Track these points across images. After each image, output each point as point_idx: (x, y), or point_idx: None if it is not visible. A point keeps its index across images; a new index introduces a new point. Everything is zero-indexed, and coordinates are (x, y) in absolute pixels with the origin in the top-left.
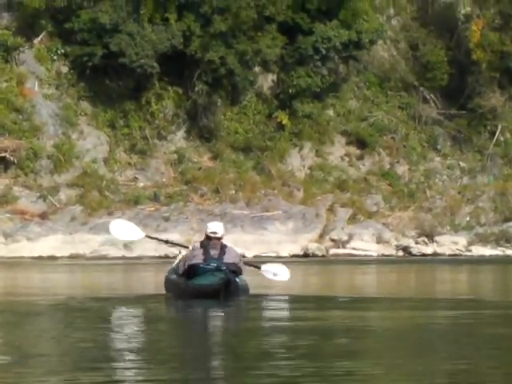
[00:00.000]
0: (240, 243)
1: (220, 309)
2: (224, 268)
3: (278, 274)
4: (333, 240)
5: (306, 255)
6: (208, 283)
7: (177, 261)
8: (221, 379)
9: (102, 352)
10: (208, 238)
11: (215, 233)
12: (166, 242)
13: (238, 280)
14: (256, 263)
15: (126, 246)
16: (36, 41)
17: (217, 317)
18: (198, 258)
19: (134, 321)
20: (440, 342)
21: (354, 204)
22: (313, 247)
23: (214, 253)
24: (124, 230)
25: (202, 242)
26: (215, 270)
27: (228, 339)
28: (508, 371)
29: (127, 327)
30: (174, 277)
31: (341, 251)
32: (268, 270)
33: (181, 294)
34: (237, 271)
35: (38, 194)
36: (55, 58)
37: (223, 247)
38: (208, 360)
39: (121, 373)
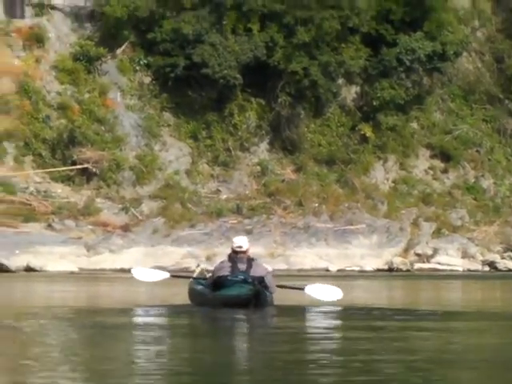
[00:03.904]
0: (323, 257)
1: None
2: (250, 280)
3: (326, 293)
4: (417, 254)
5: (390, 269)
6: (237, 294)
7: (195, 274)
8: None
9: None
10: (234, 252)
11: (240, 247)
12: (190, 278)
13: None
14: (298, 285)
15: (209, 258)
16: (119, 51)
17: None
18: (226, 271)
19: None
20: None
21: (439, 218)
22: (397, 261)
23: (241, 266)
24: (147, 274)
25: (229, 256)
26: (242, 281)
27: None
28: None
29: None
30: (199, 287)
31: (425, 266)
32: (314, 290)
33: (207, 303)
34: (262, 284)
35: (120, 205)
36: (138, 68)
37: (250, 261)
38: None
39: None
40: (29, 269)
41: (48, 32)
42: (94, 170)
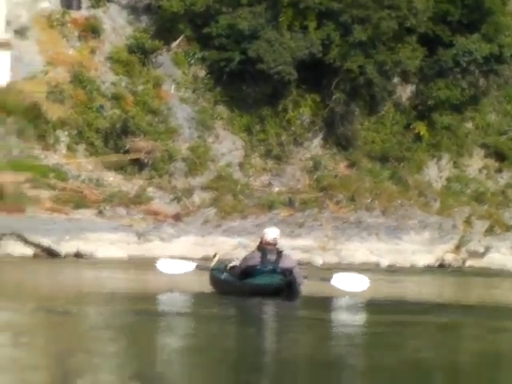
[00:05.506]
0: (374, 251)
1: None
2: (279, 271)
3: (353, 284)
4: (469, 252)
5: (441, 266)
6: (268, 283)
7: (213, 263)
8: None
9: None
10: (267, 243)
11: (274, 238)
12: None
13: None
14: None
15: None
16: (174, 45)
17: None
18: (256, 261)
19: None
20: None
21: (492, 217)
22: (449, 258)
23: (270, 257)
24: (173, 265)
25: (259, 246)
26: (271, 272)
27: None
28: None
29: None
30: (224, 275)
31: (477, 263)
32: (340, 281)
33: (233, 292)
34: (291, 276)
35: (171, 195)
36: (192, 62)
37: (279, 252)
38: None
39: None
40: (78, 255)
41: (104, 23)
42: (147, 160)
